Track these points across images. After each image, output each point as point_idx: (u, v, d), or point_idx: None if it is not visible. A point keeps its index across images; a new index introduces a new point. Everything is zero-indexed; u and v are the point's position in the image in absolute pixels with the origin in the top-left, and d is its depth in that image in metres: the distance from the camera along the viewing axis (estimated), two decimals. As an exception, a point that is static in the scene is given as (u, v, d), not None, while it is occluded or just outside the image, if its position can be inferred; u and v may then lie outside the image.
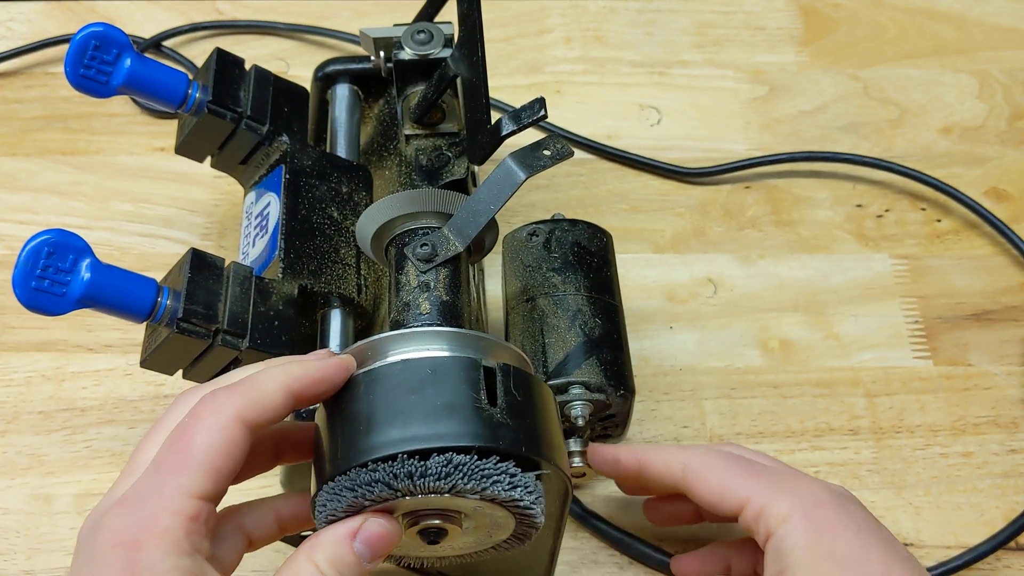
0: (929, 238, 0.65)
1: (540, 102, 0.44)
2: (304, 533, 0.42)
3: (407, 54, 0.52)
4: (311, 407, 0.43)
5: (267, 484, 0.53)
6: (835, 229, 0.66)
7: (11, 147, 0.68)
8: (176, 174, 0.67)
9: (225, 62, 0.53)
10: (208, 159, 0.55)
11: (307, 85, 0.59)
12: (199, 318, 0.44)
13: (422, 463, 0.35)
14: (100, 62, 0.49)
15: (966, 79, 0.74)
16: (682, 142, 0.69)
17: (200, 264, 0.46)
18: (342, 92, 0.58)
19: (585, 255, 0.53)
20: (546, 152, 0.44)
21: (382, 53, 0.55)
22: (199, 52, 0.74)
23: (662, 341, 0.60)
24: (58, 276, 0.42)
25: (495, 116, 0.45)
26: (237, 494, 0.40)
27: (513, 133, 0.45)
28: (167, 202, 0.66)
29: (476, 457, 0.35)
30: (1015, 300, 0.62)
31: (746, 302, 0.62)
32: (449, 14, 0.52)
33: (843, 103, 0.72)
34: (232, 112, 0.52)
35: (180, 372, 0.48)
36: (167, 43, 0.73)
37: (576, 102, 0.72)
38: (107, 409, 0.57)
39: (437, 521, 0.38)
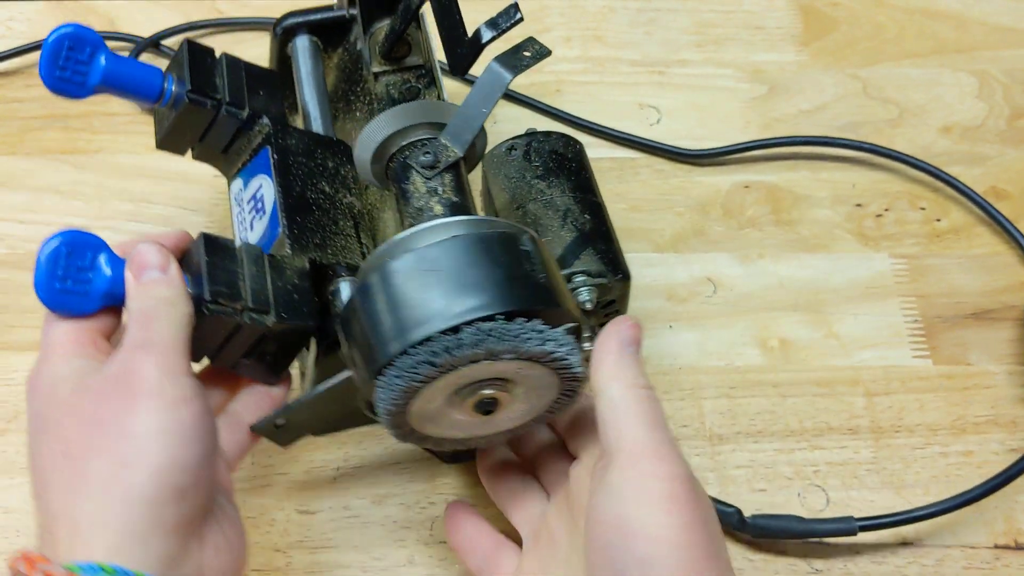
0: (929, 237, 0.65)
1: (515, 7, 0.46)
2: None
3: None
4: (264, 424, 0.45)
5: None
6: (835, 228, 0.66)
7: (11, 146, 0.68)
8: (176, 173, 0.66)
9: (196, 51, 0.53)
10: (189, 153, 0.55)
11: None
12: (225, 298, 0.44)
13: (456, 336, 0.37)
14: (75, 63, 0.48)
15: (966, 78, 0.74)
16: (682, 141, 0.69)
17: (214, 248, 0.46)
18: (302, 43, 0.59)
19: (563, 161, 0.56)
20: (526, 53, 0.46)
21: None
22: (199, 51, 0.74)
23: (662, 340, 0.60)
24: (81, 275, 0.42)
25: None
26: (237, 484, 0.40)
27: (493, 39, 0.46)
28: (167, 201, 0.66)
29: (504, 320, 0.37)
30: (1015, 299, 0.62)
31: (746, 301, 0.62)
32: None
33: (843, 102, 0.72)
34: (211, 99, 0.52)
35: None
36: (166, 42, 0.73)
37: (576, 101, 0.72)
38: (107, 408, 0.57)
39: (489, 391, 0.40)
